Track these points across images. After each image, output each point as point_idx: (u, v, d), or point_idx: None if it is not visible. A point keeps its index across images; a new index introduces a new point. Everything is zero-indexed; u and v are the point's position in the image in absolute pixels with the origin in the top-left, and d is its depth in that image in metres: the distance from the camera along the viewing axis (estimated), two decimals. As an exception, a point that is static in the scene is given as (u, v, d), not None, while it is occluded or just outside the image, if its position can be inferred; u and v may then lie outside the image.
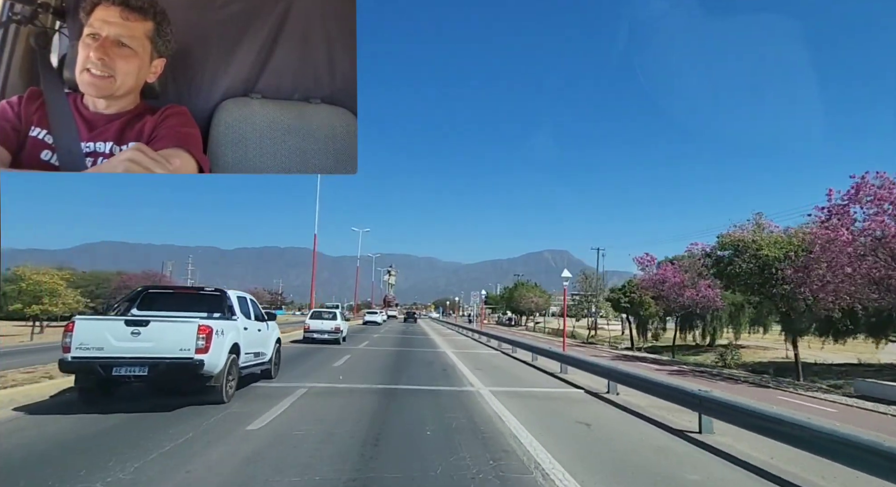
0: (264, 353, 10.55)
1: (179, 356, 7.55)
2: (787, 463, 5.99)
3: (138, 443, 5.72)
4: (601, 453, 6.28)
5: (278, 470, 4.91)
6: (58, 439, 5.98)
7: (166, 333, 7.64)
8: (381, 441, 6.18)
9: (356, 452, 5.62)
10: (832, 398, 16.18)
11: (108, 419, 6.96)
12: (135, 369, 7.44)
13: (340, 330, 23.03)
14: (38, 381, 9.22)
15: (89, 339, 7.41)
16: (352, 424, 7.02)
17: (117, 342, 7.42)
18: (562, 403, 10.11)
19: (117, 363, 7.37)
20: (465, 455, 5.69)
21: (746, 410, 6.43)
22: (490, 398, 9.69)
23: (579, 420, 8.11)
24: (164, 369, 7.49)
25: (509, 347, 22.43)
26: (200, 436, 6.16)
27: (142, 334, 7.50)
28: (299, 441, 5.99)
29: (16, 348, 19.23)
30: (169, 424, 6.71)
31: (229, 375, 8.40)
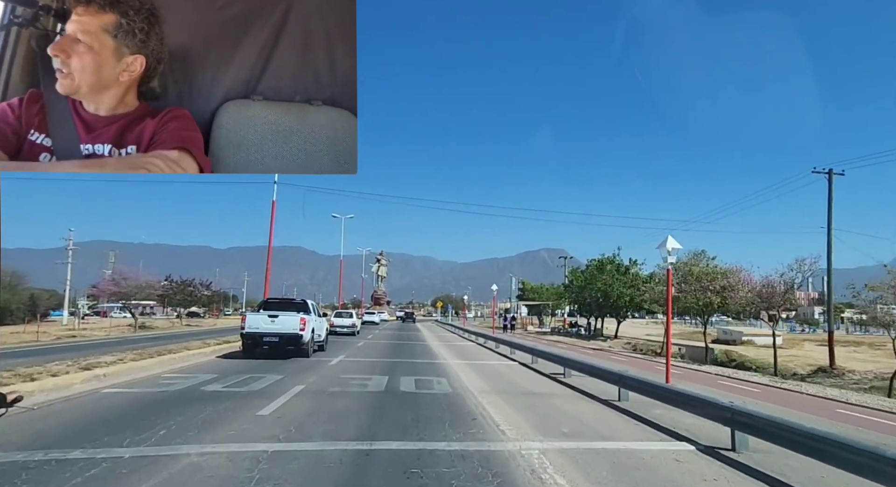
0: (321, 335, 19.38)
1: (292, 332, 16.34)
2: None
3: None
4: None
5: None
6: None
7: (286, 320, 16.54)
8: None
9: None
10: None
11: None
12: (272, 338, 16.49)
13: (355, 325, 34.32)
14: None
15: (252, 323, 16.64)
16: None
17: (264, 325, 16.49)
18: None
19: (264, 335, 16.51)
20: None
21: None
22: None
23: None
24: (285, 338, 16.41)
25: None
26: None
27: (275, 321, 16.47)
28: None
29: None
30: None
31: (311, 343, 17.15)
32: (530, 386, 13.91)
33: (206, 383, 11.78)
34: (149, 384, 11.56)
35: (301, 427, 7.60)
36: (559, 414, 9.77)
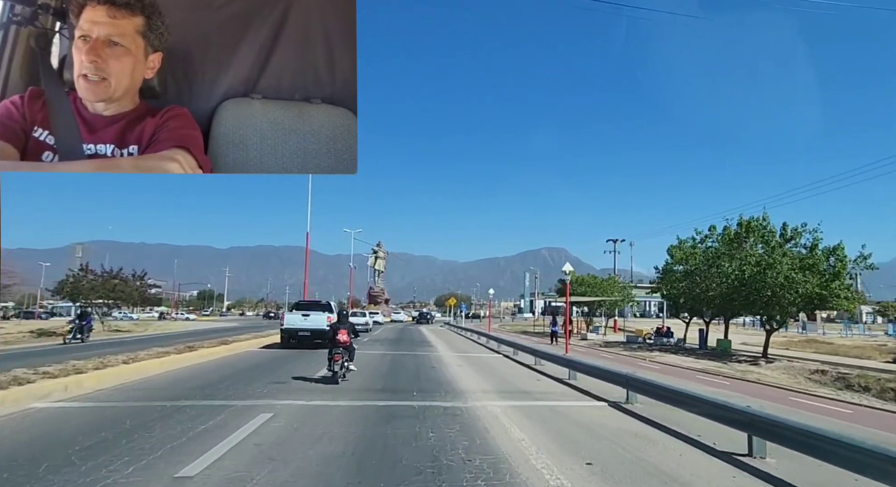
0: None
1: (321, 328, 18.45)
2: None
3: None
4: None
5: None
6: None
7: (315, 318, 19.44)
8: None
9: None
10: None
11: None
12: (305, 332, 19.41)
13: (369, 323, 38.75)
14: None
15: (289, 320, 19.96)
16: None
17: (299, 322, 19.64)
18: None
19: (298, 330, 19.50)
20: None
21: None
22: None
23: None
24: (315, 332, 18.96)
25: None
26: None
27: (307, 319, 19.62)
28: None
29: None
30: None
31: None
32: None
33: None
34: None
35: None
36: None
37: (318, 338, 18.97)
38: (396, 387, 10.99)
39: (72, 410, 7.93)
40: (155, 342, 20.36)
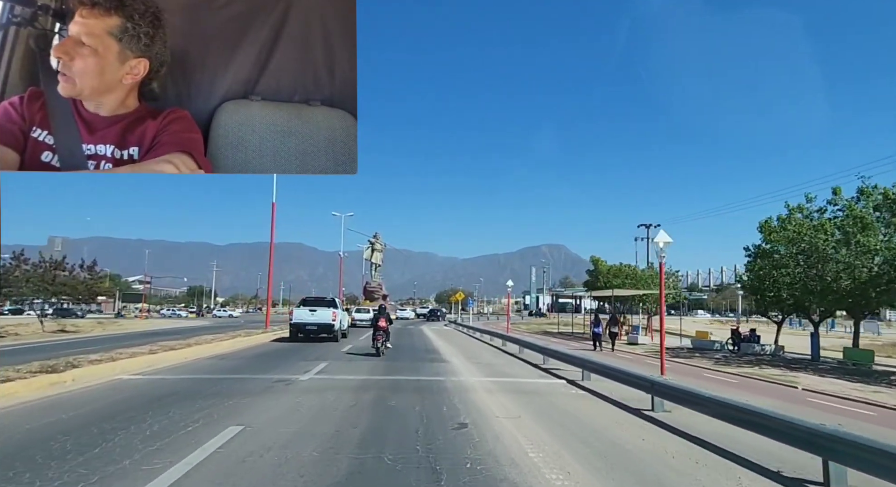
0: (345, 325, 23.66)
1: (326, 322, 20.42)
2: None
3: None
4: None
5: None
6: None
7: (322, 313, 20.61)
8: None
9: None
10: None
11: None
12: (312, 326, 20.54)
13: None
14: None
15: (297, 315, 20.99)
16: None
17: (306, 316, 20.60)
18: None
19: (306, 324, 20.52)
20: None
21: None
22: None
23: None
24: (321, 326, 20.44)
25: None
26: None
27: (314, 314, 20.61)
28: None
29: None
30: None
31: (339, 331, 21.29)
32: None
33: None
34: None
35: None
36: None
37: (325, 332, 21.02)
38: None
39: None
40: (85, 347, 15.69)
